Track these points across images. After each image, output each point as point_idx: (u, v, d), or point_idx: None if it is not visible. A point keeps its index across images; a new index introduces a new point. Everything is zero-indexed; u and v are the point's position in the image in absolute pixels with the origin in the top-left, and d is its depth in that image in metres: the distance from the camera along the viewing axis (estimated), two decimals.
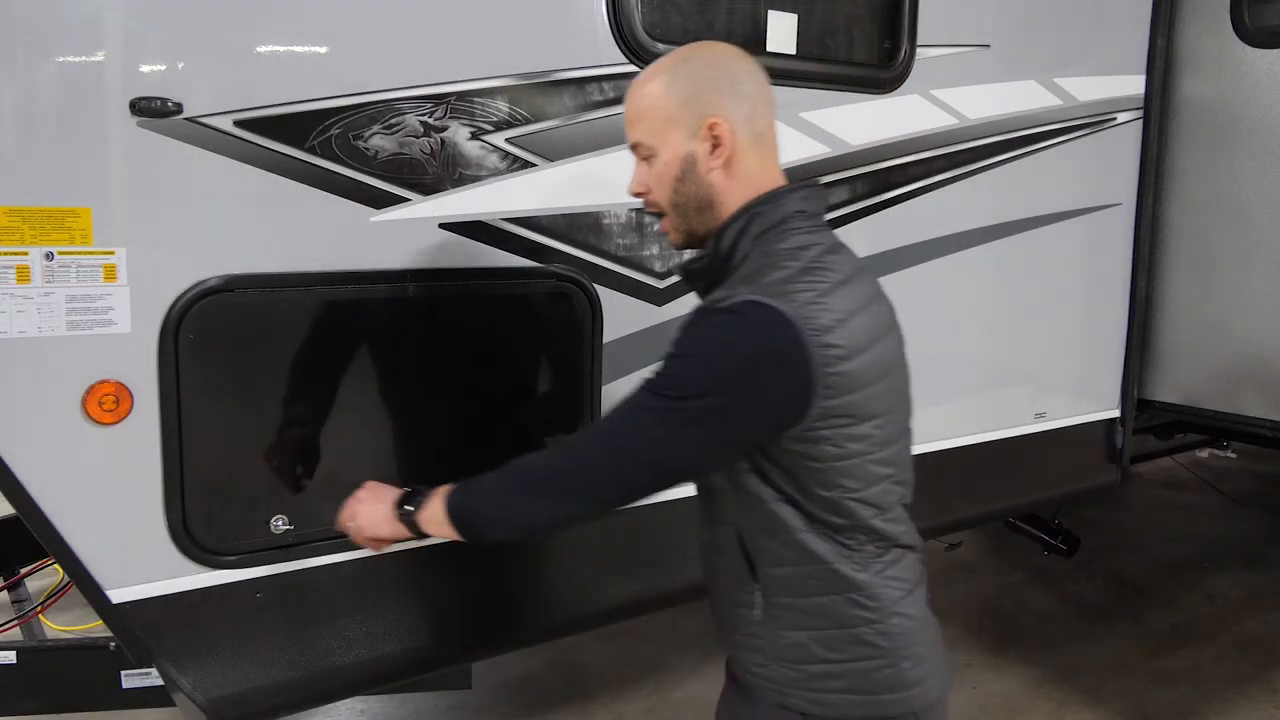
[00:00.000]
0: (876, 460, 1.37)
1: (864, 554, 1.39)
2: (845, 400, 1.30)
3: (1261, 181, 2.92)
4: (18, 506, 1.59)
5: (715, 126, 1.37)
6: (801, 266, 1.31)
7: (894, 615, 1.41)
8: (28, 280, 1.53)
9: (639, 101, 1.41)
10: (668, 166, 1.40)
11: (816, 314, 1.27)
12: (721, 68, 1.40)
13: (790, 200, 1.39)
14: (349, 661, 1.90)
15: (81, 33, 1.52)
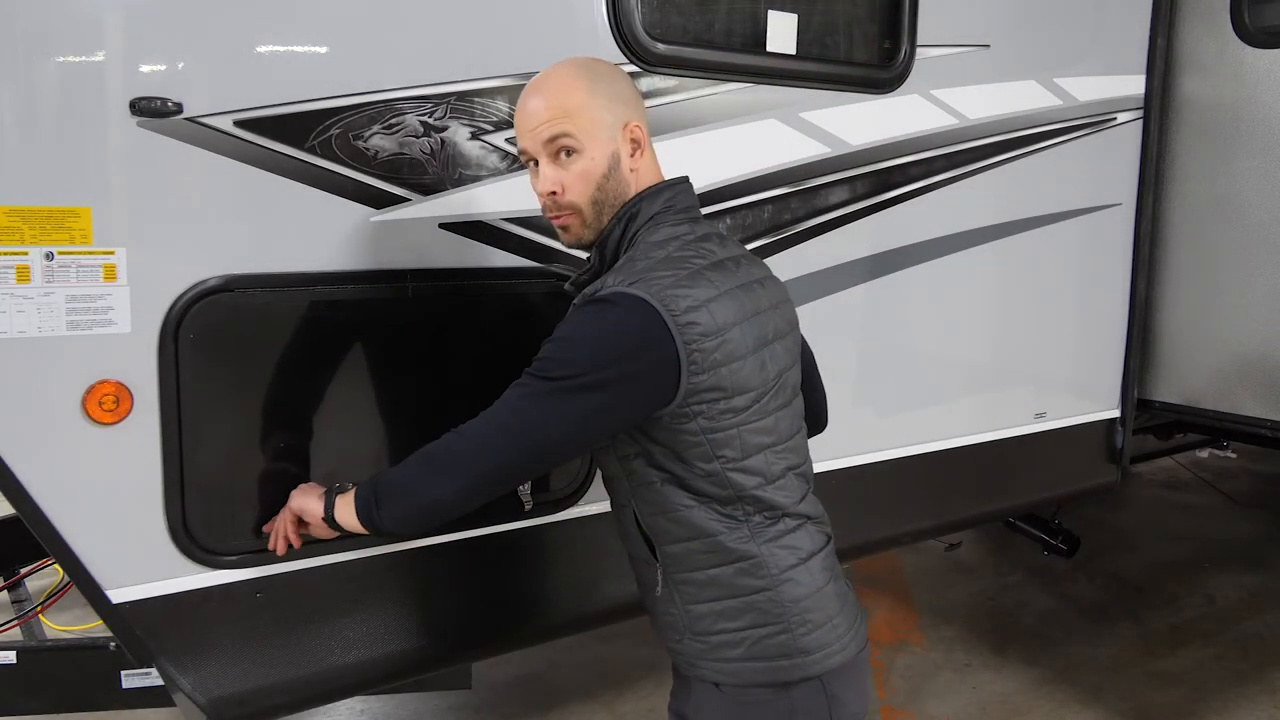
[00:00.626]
0: (753, 430, 1.45)
1: (751, 525, 1.47)
2: (712, 375, 1.39)
3: (1261, 181, 2.92)
4: (18, 506, 1.59)
5: (635, 129, 1.50)
6: (664, 256, 1.43)
7: (784, 582, 1.47)
8: (28, 280, 1.53)
9: (567, 100, 1.47)
10: (595, 162, 1.48)
11: (675, 298, 1.37)
12: (622, 80, 1.55)
13: (658, 199, 1.51)
14: (349, 661, 1.90)
15: (81, 33, 1.52)
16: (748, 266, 1.54)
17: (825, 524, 1.59)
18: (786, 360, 1.55)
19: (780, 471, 1.50)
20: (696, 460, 1.44)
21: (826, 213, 2.42)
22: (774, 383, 1.50)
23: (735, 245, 1.58)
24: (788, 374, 1.55)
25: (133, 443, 1.64)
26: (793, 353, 1.59)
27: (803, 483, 1.56)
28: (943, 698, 3.52)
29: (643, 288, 1.37)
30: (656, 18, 2.10)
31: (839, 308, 2.50)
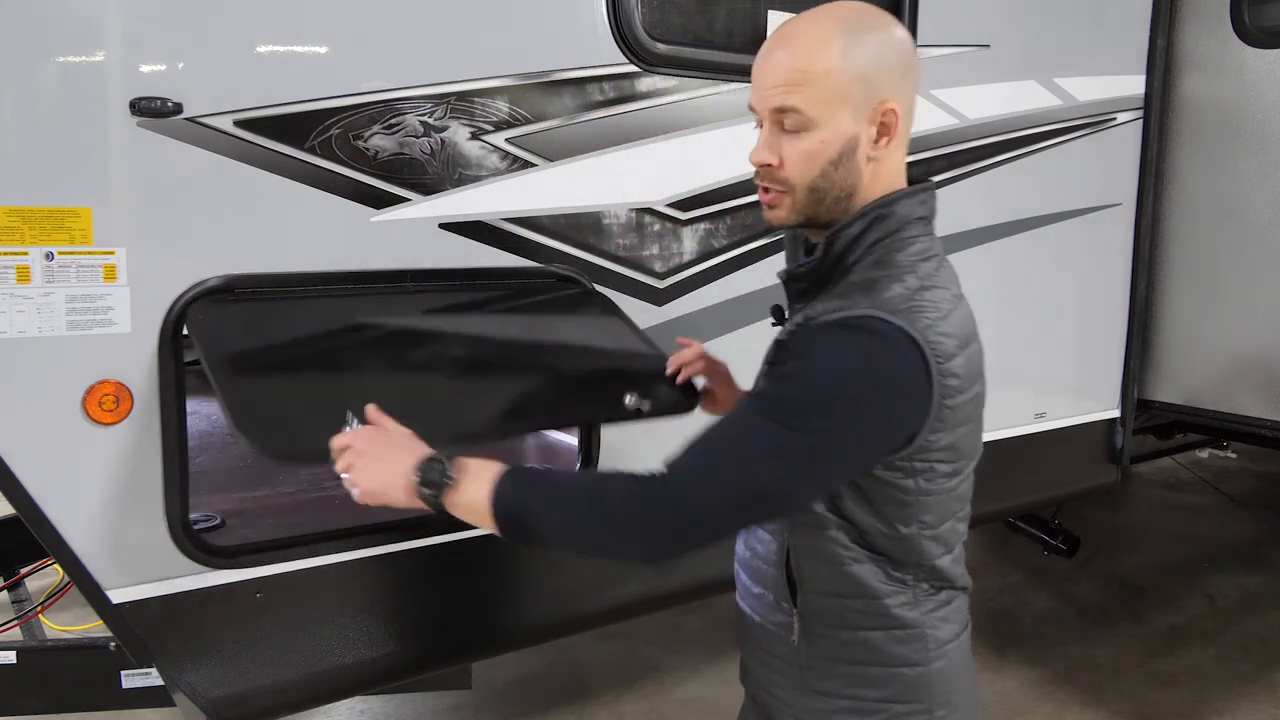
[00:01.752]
0: (955, 498, 1.28)
1: (918, 592, 1.30)
2: (950, 434, 1.21)
3: (1261, 181, 2.92)
4: (18, 506, 1.59)
5: (889, 112, 1.23)
6: (921, 284, 1.21)
7: (939, 659, 1.31)
8: (28, 280, 1.53)
9: (808, 62, 1.20)
10: (825, 145, 1.23)
11: (940, 340, 1.16)
12: (899, 46, 1.24)
13: (909, 205, 1.27)
14: (349, 661, 1.90)
15: (81, 33, 1.52)
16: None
17: (970, 594, 1.40)
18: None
19: (958, 541, 1.33)
20: (896, 521, 1.25)
21: None
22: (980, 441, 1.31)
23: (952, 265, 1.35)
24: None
25: (133, 443, 1.64)
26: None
27: (962, 552, 1.37)
28: None
29: (909, 320, 1.15)
30: (656, 18, 2.10)
31: None
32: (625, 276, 2.11)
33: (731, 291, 2.28)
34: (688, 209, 2.17)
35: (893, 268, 1.22)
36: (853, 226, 1.25)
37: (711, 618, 4.05)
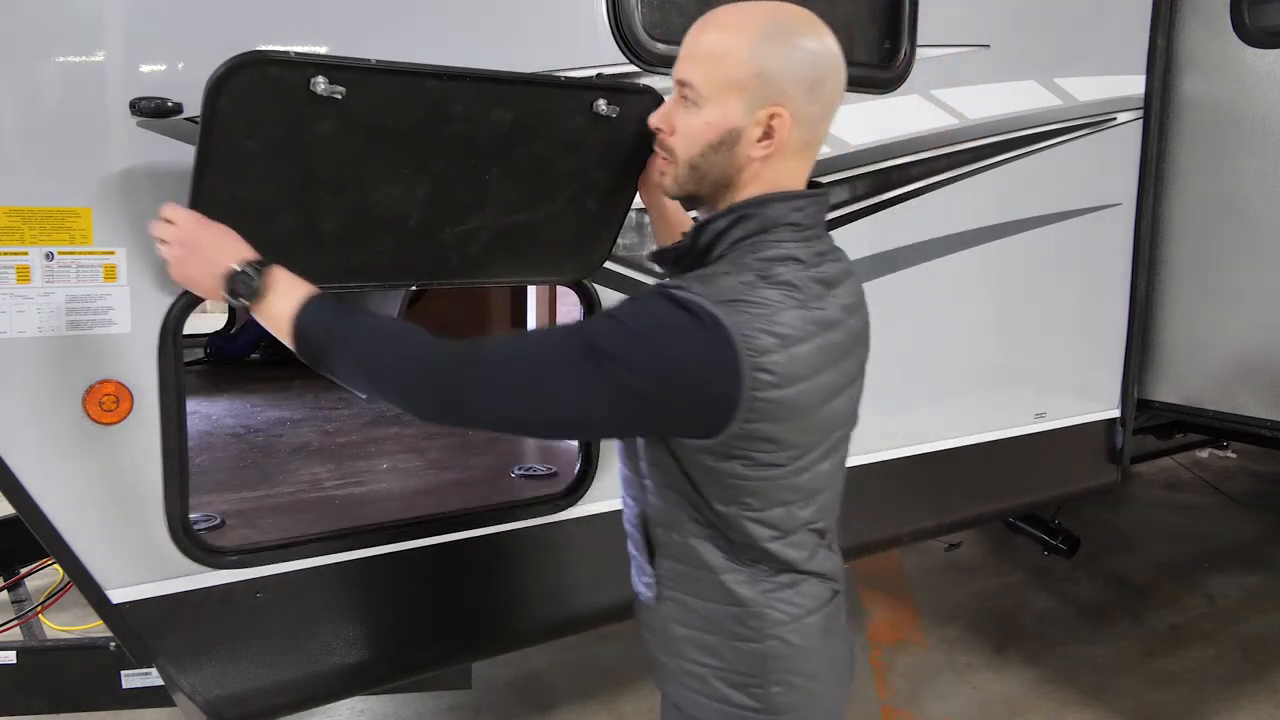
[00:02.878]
0: (786, 485, 1.31)
1: (755, 571, 1.35)
2: (767, 427, 1.24)
3: (1262, 181, 2.92)
4: (18, 506, 1.59)
5: (776, 118, 1.25)
6: (757, 281, 1.24)
7: (771, 638, 1.35)
8: (28, 280, 1.53)
9: (713, 46, 1.26)
10: (710, 128, 1.27)
11: (755, 335, 1.19)
12: (815, 59, 1.26)
13: (780, 208, 1.29)
14: (349, 661, 1.90)
15: (81, 33, 1.52)
16: (848, 299, 1.35)
17: (835, 580, 1.44)
18: (847, 411, 1.39)
19: (797, 526, 1.35)
20: (715, 500, 1.31)
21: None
22: (827, 438, 1.35)
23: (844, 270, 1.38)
24: (844, 427, 1.40)
25: (133, 443, 1.64)
26: (856, 400, 1.42)
27: (818, 538, 1.40)
28: (943, 698, 3.52)
29: (732, 315, 1.19)
30: (656, 18, 2.10)
31: None
32: (625, 277, 2.11)
33: None
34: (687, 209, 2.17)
35: (742, 267, 1.25)
36: (720, 221, 1.29)
37: None
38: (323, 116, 1.49)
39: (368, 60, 1.51)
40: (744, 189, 1.31)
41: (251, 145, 1.48)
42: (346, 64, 1.49)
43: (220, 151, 1.46)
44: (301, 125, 1.49)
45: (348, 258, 1.66)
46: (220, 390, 3.67)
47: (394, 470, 2.61)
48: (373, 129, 1.54)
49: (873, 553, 4.00)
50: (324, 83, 1.46)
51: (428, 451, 2.80)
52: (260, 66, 1.42)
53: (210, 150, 1.46)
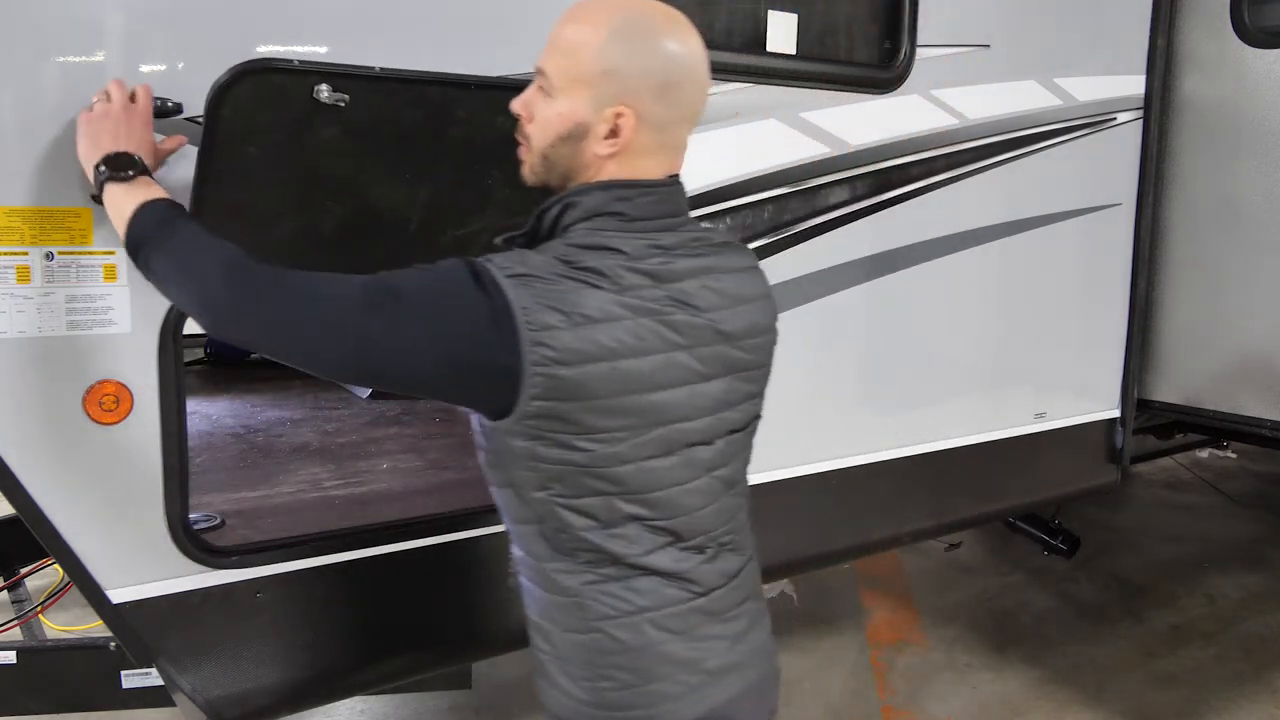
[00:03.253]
0: (598, 475, 1.27)
1: (577, 560, 1.31)
2: (558, 405, 1.22)
3: (1261, 181, 2.92)
4: (18, 506, 1.59)
5: (621, 117, 1.25)
6: (565, 262, 1.23)
7: (595, 631, 1.32)
8: (28, 280, 1.53)
9: (568, 38, 1.27)
10: (560, 119, 1.27)
11: (542, 310, 1.19)
12: (670, 62, 1.27)
13: (600, 197, 1.28)
14: (349, 661, 1.90)
15: (81, 33, 1.52)
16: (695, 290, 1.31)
17: (687, 581, 1.36)
18: (690, 408, 1.32)
19: (621, 520, 1.30)
20: (528, 486, 1.29)
21: (827, 213, 2.42)
22: (648, 430, 1.28)
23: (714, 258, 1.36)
24: (687, 423, 1.32)
25: (133, 442, 1.64)
26: (717, 400, 1.35)
27: (662, 537, 1.33)
28: (943, 698, 3.52)
29: (517, 288, 1.19)
30: None
31: (839, 308, 2.50)
32: None
33: None
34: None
35: (561, 243, 1.26)
36: (553, 208, 1.30)
37: None
38: (326, 123, 1.49)
39: (371, 68, 1.51)
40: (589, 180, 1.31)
41: (254, 151, 1.48)
42: (350, 72, 1.49)
43: (222, 157, 1.47)
44: (304, 132, 1.50)
45: (349, 261, 1.65)
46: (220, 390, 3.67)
47: (394, 470, 2.61)
48: (375, 135, 1.54)
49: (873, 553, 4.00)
50: (327, 90, 1.46)
51: (428, 451, 2.80)
52: (264, 74, 1.42)
53: (212, 155, 1.46)
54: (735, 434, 1.42)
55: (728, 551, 1.43)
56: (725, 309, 1.34)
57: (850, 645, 3.90)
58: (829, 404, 2.56)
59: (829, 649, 3.86)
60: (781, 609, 4.21)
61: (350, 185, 1.58)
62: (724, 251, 1.39)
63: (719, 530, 1.41)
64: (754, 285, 1.42)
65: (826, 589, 4.40)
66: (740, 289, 1.38)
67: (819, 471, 2.54)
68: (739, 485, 1.48)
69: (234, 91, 1.41)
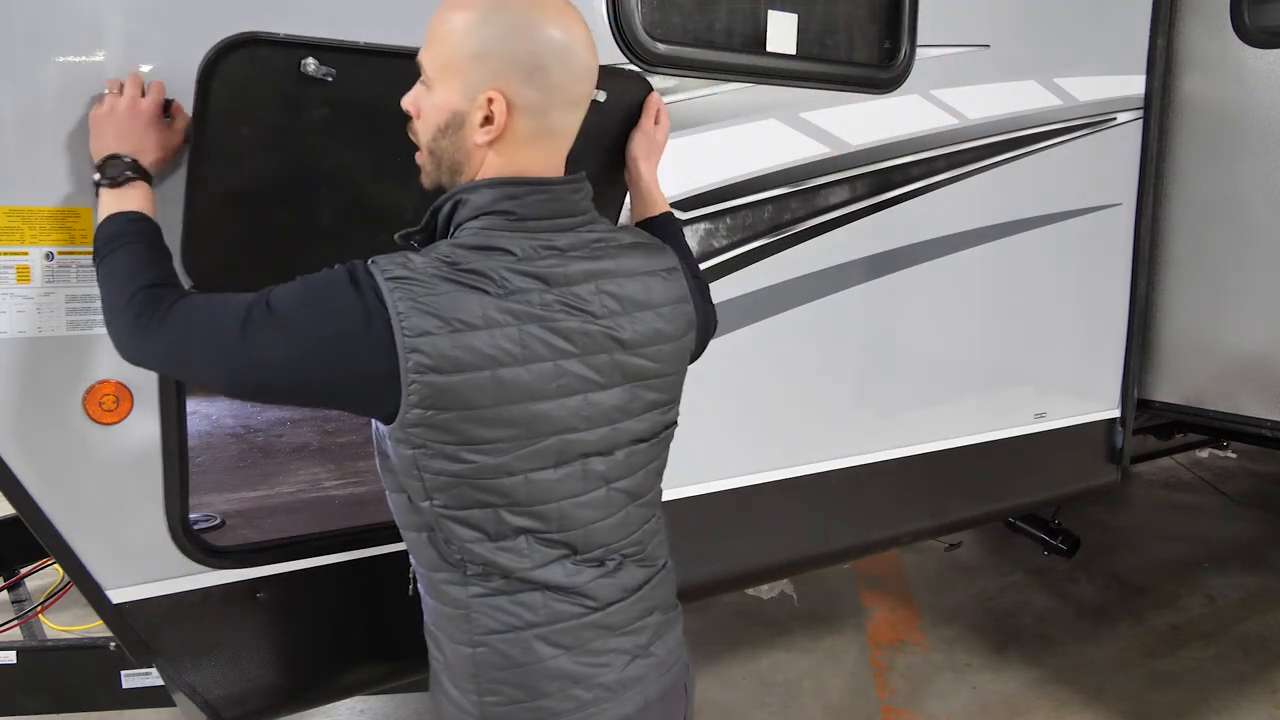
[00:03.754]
0: (481, 486, 1.24)
1: (465, 572, 1.29)
2: (436, 415, 1.18)
3: (1262, 181, 2.92)
4: (18, 506, 1.59)
5: (493, 103, 1.21)
6: (449, 263, 1.19)
7: (481, 645, 1.30)
8: (28, 280, 1.53)
9: (439, 27, 1.24)
10: (437, 110, 1.26)
11: (419, 315, 1.15)
12: (536, 43, 1.21)
13: (487, 194, 1.24)
14: (349, 661, 1.90)
15: (81, 33, 1.52)
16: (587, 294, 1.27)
17: (581, 595, 1.33)
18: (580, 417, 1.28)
19: (511, 533, 1.27)
20: (414, 494, 1.27)
21: (826, 213, 2.42)
22: (535, 441, 1.25)
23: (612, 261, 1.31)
24: (584, 435, 1.29)
25: (133, 443, 1.64)
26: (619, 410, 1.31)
27: (551, 549, 1.30)
28: (943, 698, 3.52)
29: (396, 291, 1.16)
30: (656, 18, 2.10)
31: (839, 308, 2.49)
32: None
33: (732, 291, 2.28)
34: (687, 209, 2.17)
35: (448, 244, 1.23)
36: (444, 206, 1.27)
37: (711, 618, 4.05)
38: (315, 100, 1.50)
39: (357, 42, 1.52)
40: (475, 175, 1.28)
41: (246, 131, 1.49)
42: (336, 45, 1.50)
43: (215, 137, 1.47)
44: (294, 109, 1.50)
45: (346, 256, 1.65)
46: None
47: None
48: (365, 113, 1.55)
49: (872, 553, 4.00)
50: (314, 64, 1.47)
51: None
52: (250, 47, 1.44)
53: (205, 137, 1.47)
54: (640, 444, 1.37)
55: (632, 563, 1.40)
56: (622, 315, 1.30)
57: (850, 645, 3.90)
58: (829, 404, 2.56)
59: (829, 649, 3.86)
60: (781, 609, 4.21)
61: (345, 169, 1.59)
62: (629, 254, 1.34)
63: (621, 542, 1.38)
64: (662, 290, 1.36)
65: (826, 589, 4.40)
66: (644, 294, 1.33)
67: (819, 471, 2.54)
68: (647, 496, 1.42)
69: (221, 67, 1.43)
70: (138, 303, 1.28)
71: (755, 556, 2.44)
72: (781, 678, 3.63)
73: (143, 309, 1.28)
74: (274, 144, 1.52)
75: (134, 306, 1.28)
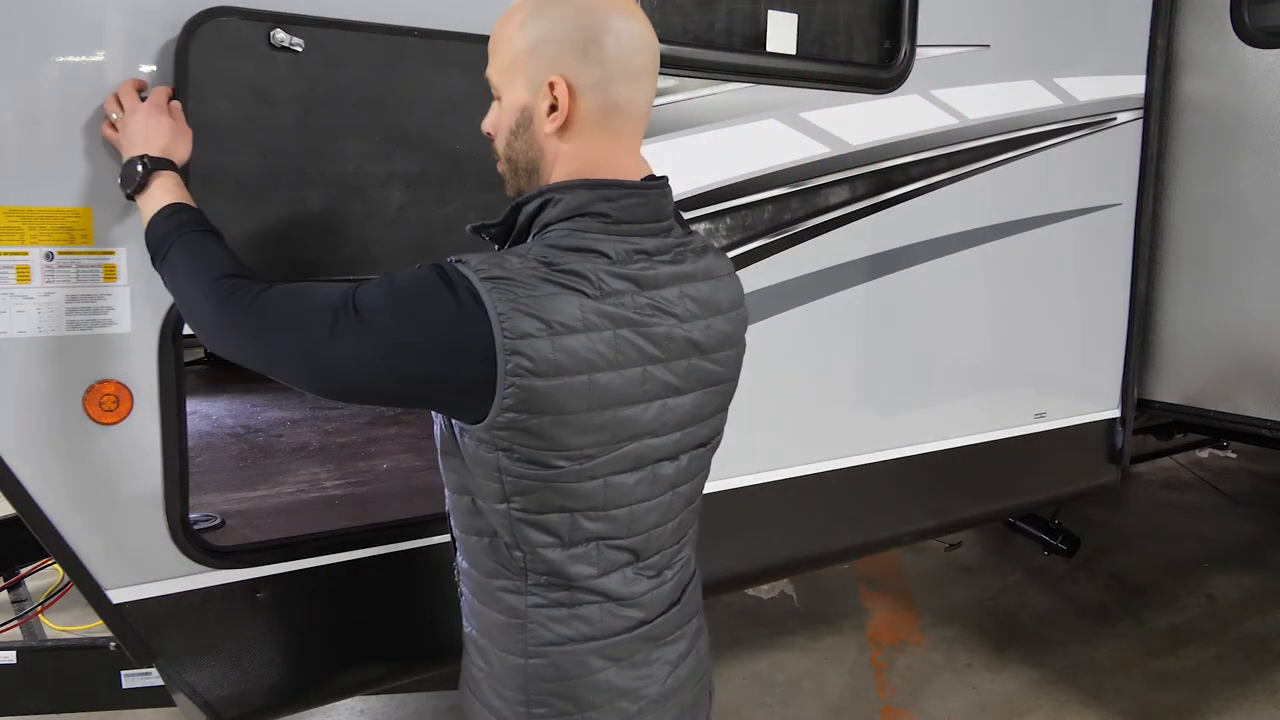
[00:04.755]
0: (563, 491, 1.22)
1: (527, 581, 1.28)
2: (530, 420, 1.17)
3: (1261, 181, 2.92)
4: (18, 506, 1.59)
5: (554, 86, 1.21)
6: (546, 264, 1.18)
7: (535, 657, 1.29)
8: (28, 280, 1.53)
9: (496, 33, 1.27)
10: (508, 114, 1.27)
11: (520, 317, 1.13)
12: (585, 20, 1.22)
13: (583, 196, 1.22)
14: (349, 661, 1.90)
15: (81, 33, 1.52)
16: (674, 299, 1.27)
17: (634, 607, 1.32)
18: (659, 424, 1.27)
19: (584, 539, 1.26)
20: (485, 496, 1.25)
21: (827, 213, 2.42)
22: (618, 447, 1.24)
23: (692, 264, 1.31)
24: (655, 439, 1.28)
25: (133, 443, 1.64)
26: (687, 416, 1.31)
27: (617, 555, 1.30)
28: (943, 698, 3.52)
29: (494, 292, 1.14)
30: (656, 18, 2.10)
31: (839, 308, 2.50)
32: None
33: None
34: (687, 209, 2.17)
35: (540, 243, 1.21)
36: (531, 203, 1.25)
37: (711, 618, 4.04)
38: (288, 73, 1.56)
39: (322, 16, 1.58)
40: (553, 171, 1.27)
41: (225, 105, 1.54)
42: (302, 17, 1.57)
43: (196, 114, 1.52)
44: (268, 81, 1.56)
45: (338, 245, 1.68)
46: (220, 390, 3.67)
47: (394, 470, 2.61)
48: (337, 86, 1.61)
49: (874, 552, 4.01)
50: (283, 34, 1.51)
51: (428, 451, 2.79)
52: (219, 18, 1.51)
53: (189, 117, 1.51)
54: (700, 449, 1.37)
55: (679, 568, 1.40)
56: (701, 319, 1.30)
57: (850, 645, 3.90)
58: (829, 404, 2.56)
59: (829, 649, 3.86)
60: (781, 609, 4.21)
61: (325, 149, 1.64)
62: (703, 257, 1.34)
63: (673, 548, 1.38)
64: (730, 294, 1.37)
65: (826, 589, 4.40)
66: (716, 297, 1.33)
67: (819, 471, 2.54)
68: (696, 502, 1.43)
69: (194, 39, 1.49)
70: (216, 299, 1.27)
71: (755, 556, 2.44)
72: (781, 678, 3.62)
73: (222, 306, 1.27)
74: (254, 119, 1.57)
75: (212, 303, 1.28)
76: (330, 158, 1.67)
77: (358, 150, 1.69)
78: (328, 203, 1.68)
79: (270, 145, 1.61)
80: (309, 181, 1.66)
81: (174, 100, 1.53)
